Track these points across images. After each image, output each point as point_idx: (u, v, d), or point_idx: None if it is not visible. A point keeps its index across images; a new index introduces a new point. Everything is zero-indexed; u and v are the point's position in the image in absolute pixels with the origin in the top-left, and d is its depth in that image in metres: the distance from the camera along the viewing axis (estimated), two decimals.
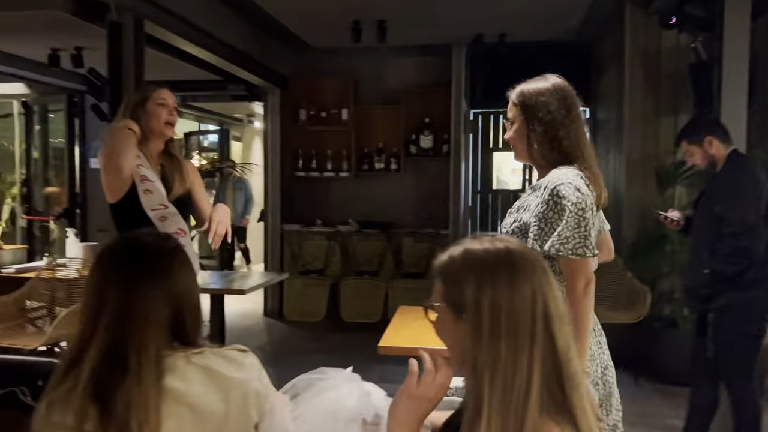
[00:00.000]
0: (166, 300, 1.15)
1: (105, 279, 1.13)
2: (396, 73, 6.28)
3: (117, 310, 1.10)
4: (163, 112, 2.34)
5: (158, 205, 2.29)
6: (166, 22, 4.08)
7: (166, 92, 2.39)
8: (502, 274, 0.95)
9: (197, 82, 6.38)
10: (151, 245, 1.20)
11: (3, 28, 4.29)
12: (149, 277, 1.15)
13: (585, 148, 1.73)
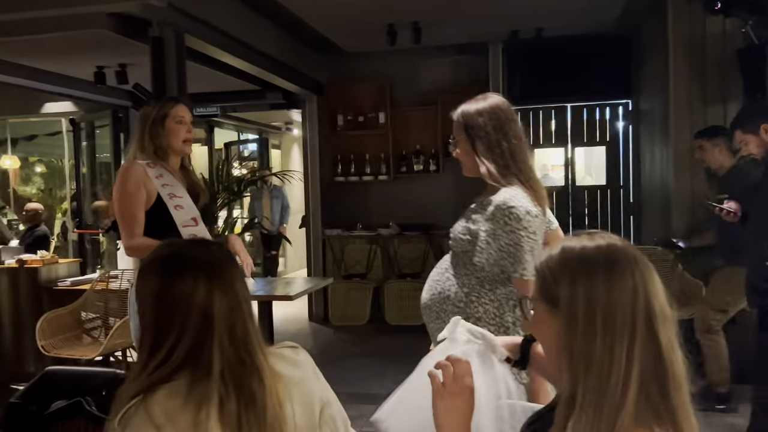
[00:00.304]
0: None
1: (194, 283, 1.13)
2: (431, 74, 6.26)
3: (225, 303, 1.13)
4: (182, 129, 2.42)
5: (190, 220, 2.38)
6: (205, 35, 4.16)
7: (183, 108, 2.45)
8: (600, 268, 0.93)
9: (236, 92, 6.49)
10: (221, 250, 1.24)
11: (51, 49, 4.45)
12: (240, 276, 1.20)
13: (523, 163, 1.84)
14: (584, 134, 6.31)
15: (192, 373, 1.10)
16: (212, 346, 1.11)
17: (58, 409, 1.85)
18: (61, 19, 3.76)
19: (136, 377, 1.12)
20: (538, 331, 1.04)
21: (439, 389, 1.10)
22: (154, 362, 1.11)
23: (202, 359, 1.11)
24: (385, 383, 4.34)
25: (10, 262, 4.70)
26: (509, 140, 1.85)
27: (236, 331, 1.14)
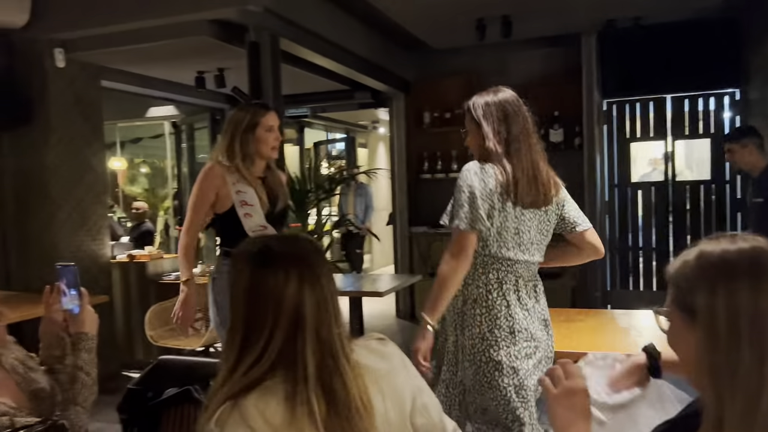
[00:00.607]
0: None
1: (286, 278, 1.13)
2: (521, 67, 6.12)
3: (314, 300, 1.14)
4: (271, 137, 2.55)
5: (258, 227, 2.53)
6: (299, 37, 4.27)
7: (273, 116, 2.58)
8: (743, 274, 0.85)
9: (326, 93, 6.63)
10: (311, 240, 1.25)
11: (157, 57, 4.72)
12: (328, 270, 1.20)
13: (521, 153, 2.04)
14: (685, 127, 5.95)
15: (285, 374, 1.10)
16: (305, 347, 1.11)
17: (170, 396, 1.96)
18: (167, 28, 3.98)
19: (227, 377, 1.12)
20: (674, 343, 0.97)
21: (554, 394, 1.07)
22: (247, 362, 1.11)
23: (295, 360, 1.10)
24: None
25: (121, 257, 5.04)
26: (510, 131, 2.05)
27: (322, 332, 1.13)
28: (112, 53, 4.42)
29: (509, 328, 2.00)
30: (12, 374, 1.67)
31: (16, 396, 1.63)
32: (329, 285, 1.18)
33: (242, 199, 2.52)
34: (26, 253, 4.43)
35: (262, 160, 2.60)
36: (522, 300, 2.04)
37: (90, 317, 1.77)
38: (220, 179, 2.54)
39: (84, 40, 4.26)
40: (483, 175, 1.98)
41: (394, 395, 1.20)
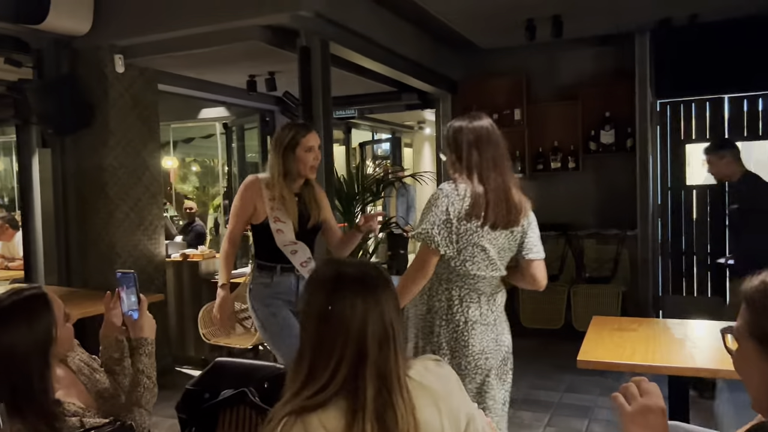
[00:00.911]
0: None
1: (353, 308, 1.16)
2: (571, 67, 6.02)
3: (377, 335, 1.16)
4: (310, 157, 2.71)
5: (289, 242, 2.72)
6: (349, 41, 4.31)
7: (313, 137, 2.73)
8: None
9: (373, 94, 6.66)
10: (381, 272, 1.26)
11: (210, 61, 4.83)
12: (394, 300, 1.22)
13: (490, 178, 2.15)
14: (744, 127, 5.74)
15: (346, 401, 1.13)
16: (365, 379, 1.13)
17: (226, 398, 2.01)
18: (221, 34, 4.08)
19: (291, 398, 1.16)
20: (742, 368, 0.94)
21: (628, 411, 1.03)
22: (312, 387, 1.14)
23: (356, 391, 1.13)
24: (520, 387, 4.31)
25: (175, 256, 5.19)
26: (482, 156, 2.17)
27: (381, 365, 1.15)
28: (168, 58, 4.55)
29: (464, 343, 2.18)
30: (79, 375, 1.76)
31: (83, 397, 1.71)
32: (392, 318, 1.19)
33: (276, 216, 2.69)
34: (86, 251, 4.61)
35: (300, 179, 2.75)
36: (483, 315, 2.22)
37: (149, 323, 1.84)
38: (257, 192, 2.72)
39: (142, 46, 4.41)
40: (455, 196, 2.13)
41: (450, 415, 1.22)
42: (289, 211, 2.71)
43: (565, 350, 5.16)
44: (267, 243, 2.74)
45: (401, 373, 1.18)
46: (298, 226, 2.74)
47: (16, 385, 1.40)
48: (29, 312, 1.46)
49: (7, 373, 1.40)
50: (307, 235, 2.80)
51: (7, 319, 1.43)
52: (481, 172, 2.16)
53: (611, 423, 3.72)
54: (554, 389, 4.31)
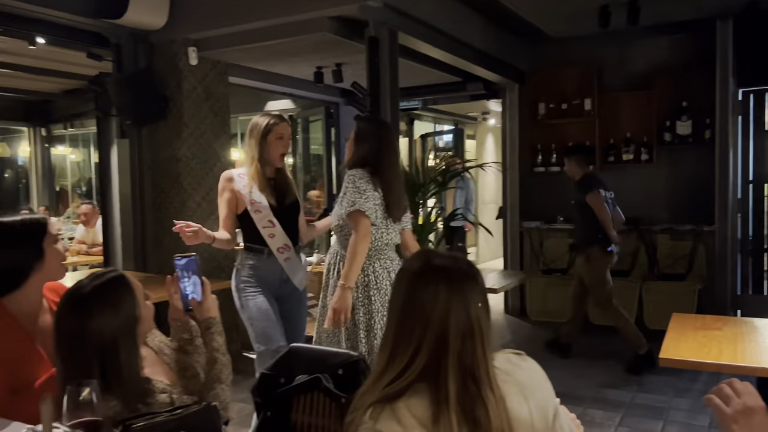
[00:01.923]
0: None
1: (435, 297, 1.16)
2: (646, 56, 5.78)
3: (461, 327, 1.14)
4: (280, 145, 2.92)
5: (267, 222, 2.91)
6: (416, 31, 4.28)
7: (284, 126, 2.94)
8: None
9: (437, 85, 6.60)
10: (471, 266, 1.25)
11: (278, 53, 4.90)
12: (482, 295, 1.21)
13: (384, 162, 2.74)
14: None
15: (429, 393, 1.12)
16: (447, 370, 1.12)
17: (301, 383, 2.03)
18: (290, 26, 4.13)
19: (373, 384, 1.17)
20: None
21: (728, 413, 0.99)
22: (391, 373, 1.15)
23: (437, 382, 1.12)
24: (591, 385, 4.20)
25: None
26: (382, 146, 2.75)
27: (465, 358, 1.14)
28: (238, 51, 4.65)
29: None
30: (161, 355, 1.81)
31: (168, 375, 1.76)
32: (478, 312, 1.18)
33: (252, 198, 2.90)
34: (161, 238, 4.78)
35: (270, 166, 2.95)
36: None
37: (213, 303, 1.88)
38: (230, 183, 2.94)
39: (214, 39, 4.52)
40: (365, 177, 2.66)
41: (538, 408, 1.19)
42: (262, 190, 2.91)
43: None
44: (253, 228, 2.95)
45: (489, 367, 1.17)
46: (276, 203, 2.93)
47: (107, 366, 1.45)
48: (112, 295, 1.51)
49: (99, 356, 1.45)
50: (286, 214, 2.97)
51: (92, 304, 1.48)
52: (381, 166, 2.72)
53: (688, 426, 3.56)
54: (626, 388, 4.17)
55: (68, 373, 1.45)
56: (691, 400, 3.92)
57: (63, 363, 1.48)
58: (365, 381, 1.22)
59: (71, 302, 1.50)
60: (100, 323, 1.46)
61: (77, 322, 1.46)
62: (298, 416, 2.03)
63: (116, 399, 1.44)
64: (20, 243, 1.80)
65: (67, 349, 1.48)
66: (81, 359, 1.45)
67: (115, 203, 5.02)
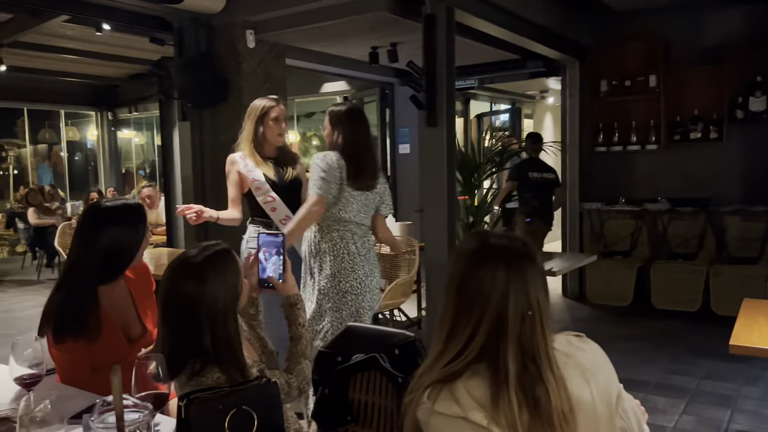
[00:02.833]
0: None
1: (493, 278, 1.14)
2: (716, 29, 5.48)
3: (520, 308, 1.13)
4: (276, 126, 3.06)
5: (268, 197, 3.06)
6: (473, 8, 4.19)
7: (279, 109, 3.08)
8: None
9: (494, 63, 6.47)
10: (528, 246, 1.22)
11: (334, 34, 4.91)
12: (541, 275, 1.18)
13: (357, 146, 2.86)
14: None
15: (489, 375, 1.11)
16: (506, 351, 1.11)
17: (358, 362, 2.05)
18: (347, 6, 4.11)
19: (430, 365, 1.16)
20: None
21: None
22: (450, 353, 1.14)
23: (497, 362, 1.11)
24: (653, 371, 4.07)
25: None
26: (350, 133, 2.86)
27: (524, 339, 1.12)
28: (295, 32, 4.67)
29: (351, 265, 2.87)
30: (242, 331, 1.84)
31: (250, 351, 1.79)
32: (537, 293, 1.15)
33: (253, 177, 3.05)
34: None
35: (270, 145, 3.11)
36: (358, 248, 2.89)
37: (293, 281, 1.91)
38: (234, 165, 3.10)
39: (272, 21, 4.56)
40: (328, 161, 2.79)
41: (602, 390, 1.16)
42: (261, 167, 3.06)
43: (702, 334, 4.85)
44: (257, 204, 3.12)
45: (549, 348, 1.15)
46: (277, 179, 3.07)
47: (216, 335, 1.48)
48: (222, 266, 1.55)
49: (210, 323, 1.48)
50: (286, 190, 3.09)
51: (206, 272, 1.51)
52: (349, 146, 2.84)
53: (758, 415, 3.41)
54: (691, 374, 4.03)
55: (176, 341, 1.48)
56: (763, 389, 3.75)
57: (170, 331, 1.50)
58: (423, 361, 1.22)
59: (184, 270, 1.52)
60: (213, 291, 1.49)
61: (191, 290, 1.48)
62: (355, 394, 2.05)
63: (220, 370, 1.47)
64: (133, 226, 1.90)
65: (176, 316, 1.50)
66: (191, 327, 1.47)
67: (177, 184, 5.18)
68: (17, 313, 6.22)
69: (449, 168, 4.13)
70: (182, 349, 1.47)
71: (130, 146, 12.20)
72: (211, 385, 1.44)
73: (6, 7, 5.05)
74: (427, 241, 4.27)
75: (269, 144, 3.10)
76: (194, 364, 1.46)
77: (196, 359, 1.46)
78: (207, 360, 1.47)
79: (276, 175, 3.10)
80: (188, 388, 1.45)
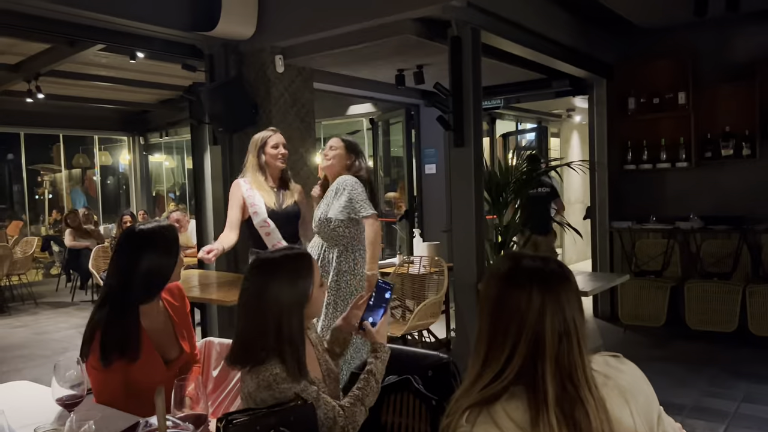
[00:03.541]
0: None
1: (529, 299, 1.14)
2: (747, 45, 5.42)
3: (557, 328, 1.12)
4: (274, 151, 3.34)
5: (263, 222, 3.27)
6: (499, 29, 4.21)
7: (277, 137, 3.37)
8: None
9: (520, 83, 6.47)
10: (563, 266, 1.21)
11: (361, 57, 4.97)
12: (576, 295, 1.17)
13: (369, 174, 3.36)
14: None
15: (527, 395, 1.10)
16: (544, 372, 1.10)
17: (391, 383, 2.04)
18: (374, 29, 4.18)
19: (468, 388, 1.15)
20: None
21: None
22: (487, 376, 1.13)
23: (535, 384, 1.10)
24: (690, 393, 3.98)
25: None
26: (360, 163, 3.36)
27: (562, 359, 1.11)
28: (323, 57, 4.75)
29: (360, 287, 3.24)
30: (314, 349, 1.84)
31: (316, 370, 1.79)
32: (573, 313, 1.15)
33: (252, 201, 3.25)
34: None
35: (273, 171, 3.37)
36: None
37: (385, 332, 1.89)
38: (239, 188, 3.32)
39: (300, 46, 4.64)
40: (359, 184, 3.23)
41: (643, 411, 1.15)
42: (261, 192, 3.28)
43: (740, 355, 4.73)
44: (255, 231, 3.31)
45: (587, 368, 1.13)
46: (275, 207, 3.29)
47: (281, 331, 1.58)
48: (298, 268, 1.66)
49: (276, 318, 1.58)
50: (283, 218, 3.30)
51: (280, 269, 1.63)
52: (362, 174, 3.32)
53: None
54: (730, 398, 3.92)
55: (246, 330, 1.61)
56: None
57: (243, 320, 1.62)
58: (461, 384, 1.21)
59: (262, 266, 1.65)
60: (281, 288, 1.60)
61: (262, 283, 1.61)
62: (387, 416, 2.04)
63: (281, 363, 1.55)
64: (168, 248, 1.96)
65: (247, 307, 1.62)
66: (259, 319, 1.59)
67: (208, 207, 5.26)
68: (52, 335, 6.34)
69: (477, 187, 4.13)
70: (251, 339, 1.59)
71: (160, 170, 12.44)
72: (267, 378, 1.54)
73: (45, 38, 5.24)
74: (456, 261, 4.25)
75: (271, 169, 3.36)
76: (259, 353, 1.56)
77: (260, 350, 1.56)
78: (270, 352, 1.56)
79: (276, 203, 3.33)
80: (248, 378, 1.57)
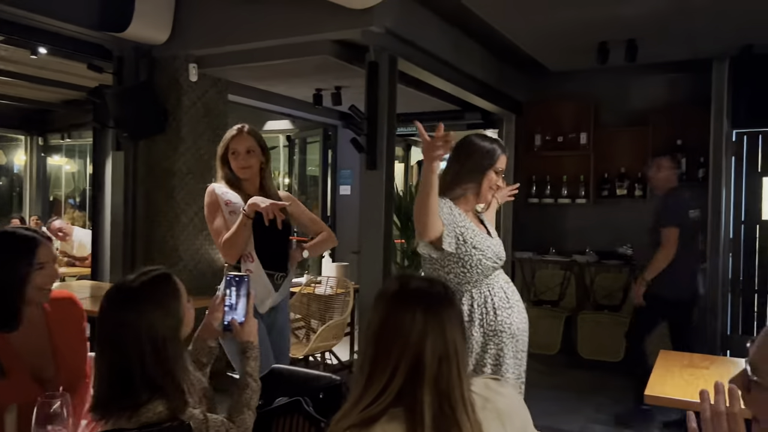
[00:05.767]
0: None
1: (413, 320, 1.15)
2: (642, 93, 5.85)
3: (437, 351, 1.13)
4: (236, 159, 2.85)
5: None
6: (416, 58, 4.32)
7: (236, 141, 2.89)
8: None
9: (435, 112, 6.63)
10: (448, 289, 1.23)
11: (279, 74, 4.94)
12: (458, 318, 1.19)
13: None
14: None
15: (405, 416, 1.11)
16: (422, 395, 1.11)
17: (281, 405, 2.00)
18: (293, 47, 4.16)
19: (350, 409, 1.16)
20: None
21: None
22: (368, 397, 1.14)
23: (413, 406, 1.11)
24: (577, 420, 4.15)
25: None
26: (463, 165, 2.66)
27: (441, 383, 1.13)
28: (239, 69, 4.68)
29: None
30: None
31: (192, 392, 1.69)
32: (455, 336, 1.17)
33: (227, 199, 2.82)
34: (151, 251, 4.75)
35: (241, 180, 2.89)
36: None
37: (253, 327, 1.82)
38: (212, 194, 2.88)
39: (216, 56, 4.55)
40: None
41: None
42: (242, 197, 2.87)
43: (625, 383, 4.99)
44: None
45: (465, 391, 1.16)
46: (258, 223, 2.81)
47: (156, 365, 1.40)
48: (162, 291, 1.49)
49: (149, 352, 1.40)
50: (269, 232, 2.78)
51: (141, 299, 1.45)
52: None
53: None
54: (609, 424, 4.14)
55: (112, 373, 1.42)
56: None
57: (106, 363, 1.44)
58: (343, 405, 1.21)
59: (119, 297, 1.47)
60: (150, 319, 1.42)
61: (125, 317, 1.42)
62: None
63: (165, 402, 1.40)
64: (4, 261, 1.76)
65: (111, 346, 1.44)
66: (127, 357, 1.41)
67: (106, 214, 5.00)
68: None
69: (387, 211, 4.18)
70: (123, 380, 1.39)
71: (60, 173, 11.72)
72: (151, 419, 1.37)
73: None
74: (362, 283, 4.26)
75: (239, 179, 2.88)
76: (136, 397, 1.38)
77: (136, 392, 1.39)
78: (152, 391, 1.39)
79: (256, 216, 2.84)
80: (126, 423, 1.37)
